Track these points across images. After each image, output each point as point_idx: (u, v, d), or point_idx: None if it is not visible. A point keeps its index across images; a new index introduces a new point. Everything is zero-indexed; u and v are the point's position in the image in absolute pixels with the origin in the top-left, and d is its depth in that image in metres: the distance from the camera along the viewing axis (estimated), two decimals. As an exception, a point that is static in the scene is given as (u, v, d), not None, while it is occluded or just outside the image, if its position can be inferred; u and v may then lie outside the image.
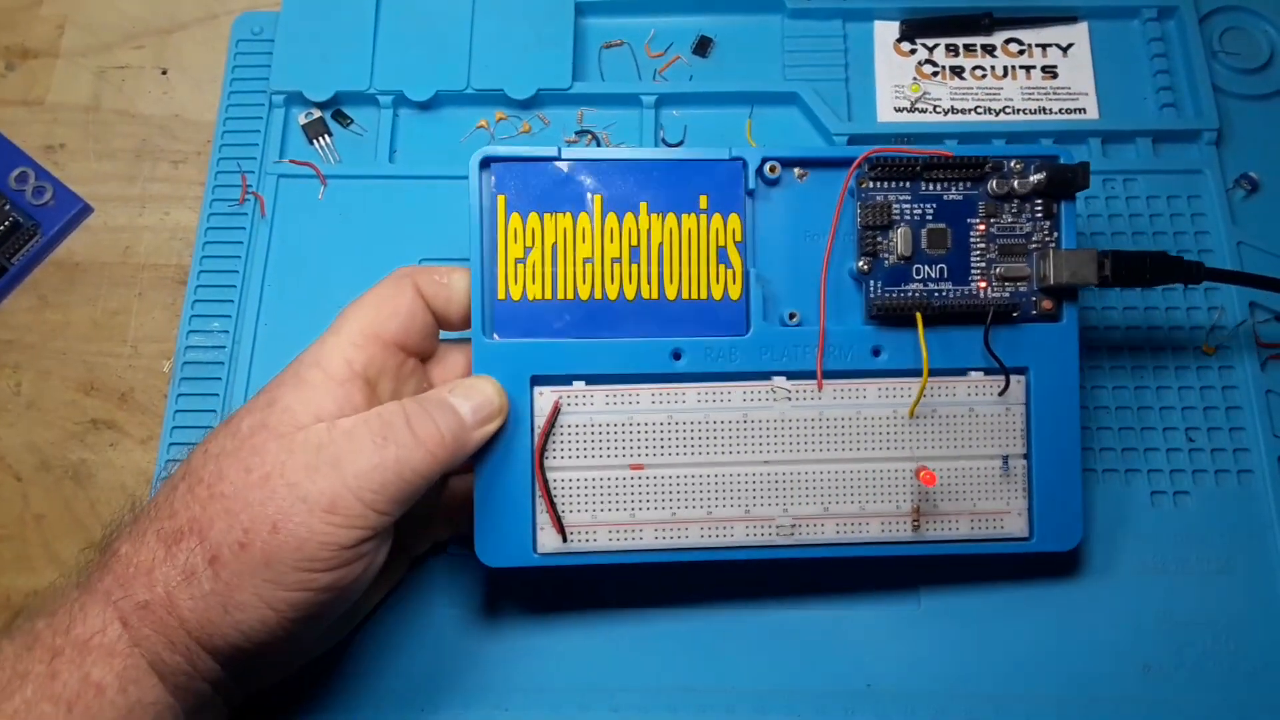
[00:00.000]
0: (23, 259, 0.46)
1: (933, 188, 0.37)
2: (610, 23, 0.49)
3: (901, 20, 0.48)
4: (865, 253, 0.36)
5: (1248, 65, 0.47)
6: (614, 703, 0.38)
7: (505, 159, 0.36)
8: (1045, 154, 0.37)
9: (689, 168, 0.36)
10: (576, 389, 0.35)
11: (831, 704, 0.37)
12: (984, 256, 0.37)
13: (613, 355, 0.35)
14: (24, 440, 0.43)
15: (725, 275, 0.36)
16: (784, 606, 0.39)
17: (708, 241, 0.36)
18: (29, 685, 0.28)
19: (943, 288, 0.37)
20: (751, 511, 0.36)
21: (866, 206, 0.36)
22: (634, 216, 0.36)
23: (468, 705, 0.38)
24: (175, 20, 0.51)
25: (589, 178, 0.36)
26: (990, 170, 0.37)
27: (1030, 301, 0.37)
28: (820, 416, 0.36)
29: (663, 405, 0.36)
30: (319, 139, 0.46)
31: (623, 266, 0.36)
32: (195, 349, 0.43)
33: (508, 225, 0.35)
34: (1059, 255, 0.36)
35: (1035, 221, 0.37)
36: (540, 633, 0.39)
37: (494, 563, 0.35)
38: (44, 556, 0.42)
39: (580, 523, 0.35)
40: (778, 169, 0.37)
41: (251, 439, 0.31)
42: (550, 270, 0.35)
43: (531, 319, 0.35)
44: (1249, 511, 0.40)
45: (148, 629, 0.29)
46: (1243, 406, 0.41)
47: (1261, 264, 0.43)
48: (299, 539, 0.29)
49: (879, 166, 0.36)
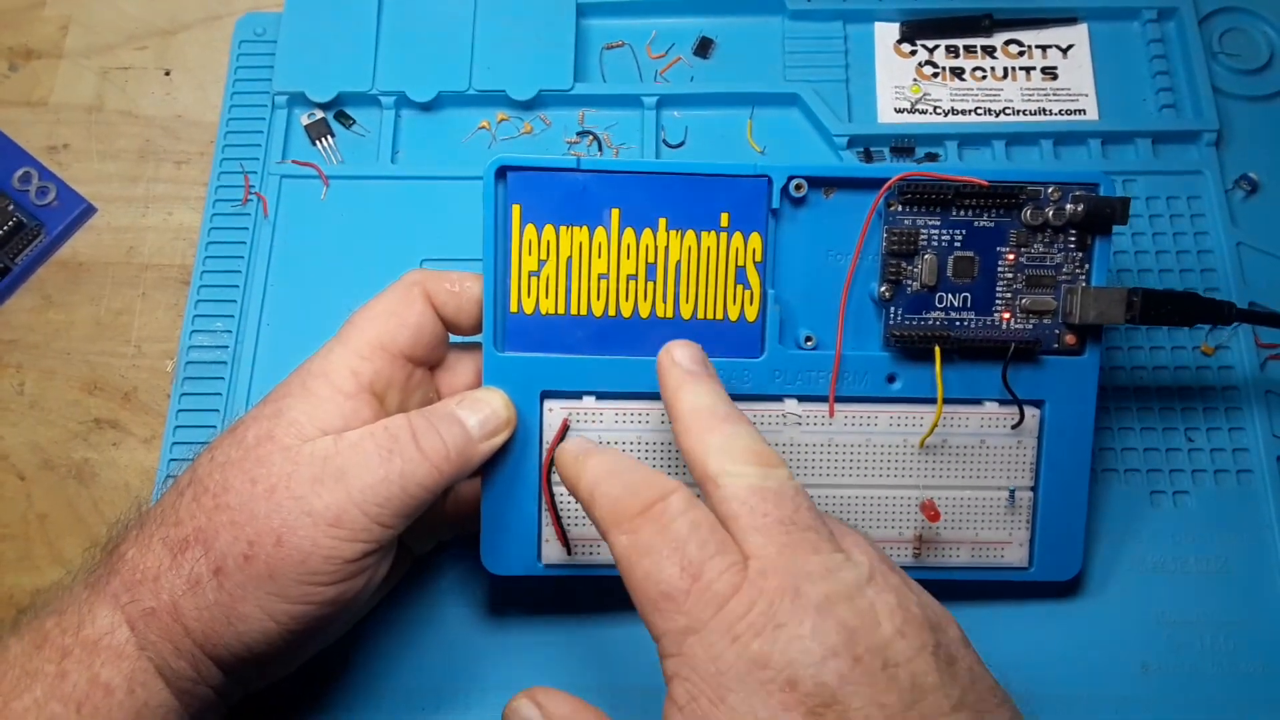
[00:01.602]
0: (26, 259, 0.46)
1: (963, 214, 0.35)
2: (612, 24, 0.49)
3: (902, 22, 0.48)
4: (888, 279, 0.35)
5: (1247, 66, 0.47)
6: (614, 703, 0.38)
7: (522, 168, 0.34)
8: (1085, 181, 0.35)
9: (712, 183, 0.35)
10: (587, 405, 0.35)
11: (832, 703, 0.37)
12: (1010, 287, 0.35)
13: (624, 373, 0.35)
14: (27, 440, 0.43)
15: (743, 296, 0.35)
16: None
17: (727, 261, 0.35)
18: (39, 685, 0.28)
19: (965, 317, 0.36)
20: None
21: (893, 232, 0.35)
22: (652, 232, 0.35)
23: (468, 705, 0.38)
24: (178, 21, 0.51)
25: (608, 190, 0.35)
26: (1025, 198, 0.35)
27: (1053, 335, 0.36)
28: (830, 442, 0.36)
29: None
30: (321, 140, 0.46)
31: (639, 284, 0.35)
32: (198, 349, 0.43)
33: (522, 236, 0.35)
34: (1087, 294, 0.34)
35: (1068, 253, 0.35)
36: (541, 633, 0.39)
37: (499, 570, 0.35)
38: (47, 556, 0.42)
39: (585, 536, 0.35)
40: (804, 187, 0.35)
41: (257, 449, 0.31)
42: (564, 284, 0.35)
43: (544, 333, 0.35)
44: (1248, 511, 0.40)
45: (154, 635, 0.29)
46: (1242, 407, 0.41)
47: (1261, 265, 0.43)
48: (303, 552, 0.29)
49: (909, 191, 0.35)
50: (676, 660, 0.26)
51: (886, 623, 0.25)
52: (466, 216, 0.45)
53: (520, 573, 0.35)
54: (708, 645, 0.25)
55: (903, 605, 0.26)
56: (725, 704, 0.24)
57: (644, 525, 0.27)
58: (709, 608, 0.25)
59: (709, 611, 0.25)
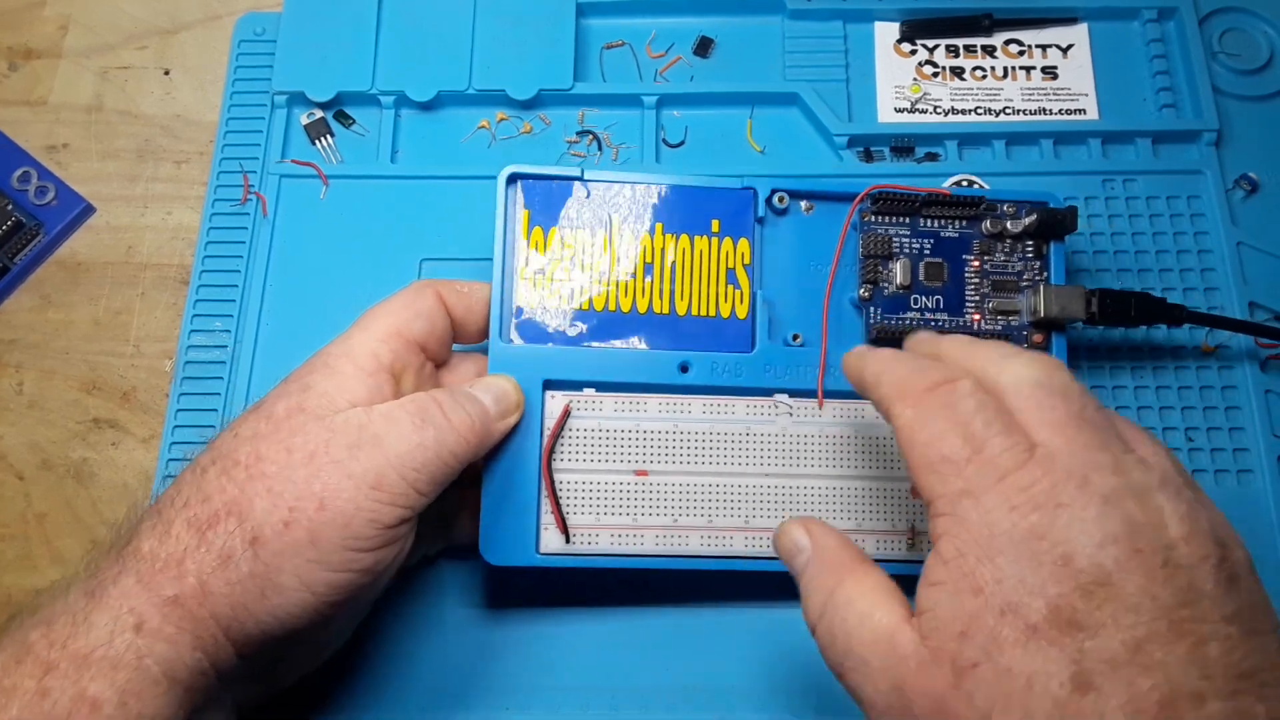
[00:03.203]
0: (25, 259, 0.46)
1: (931, 224, 0.39)
2: (611, 23, 0.49)
3: (902, 21, 0.48)
4: (866, 280, 0.38)
5: (1247, 66, 0.47)
6: (614, 702, 0.38)
7: (532, 176, 0.38)
8: (1036, 198, 0.39)
9: (703, 194, 0.38)
10: (587, 395, 0.37)
11: (831, 703, 0.37)
12: (978, 290, 0.39)
13: (623, 364, 0.37)
14: (26, 439, 0.43)
15: (734, 295, 0.38)
16: (785, 606, 0.39)
17: (718, 263, 0.38)
18: (14, 703, 0.27)
19: (939, 318, 0.38)
20: (751, 522, 0.36)
21: (868, 237, 0.39)
22: (649, 236, 0.38)
23: (469, 706, 0.38)
24: (178, 21, 0.51)
25: (609, 197, 0.38)
26: (984, 210, 0.39)
27: (1022, 335, 0.38)
28: (821, 433, 0.37)
29: (669, 414, 0.37)
30: (321, 139, 0.46)
31: (637, 281, 0.38)
32: (197, 348, 0.43)
33: (530, 238, 0.37)
34: (1048, 289, 0.38)
35: (1026, 261, 0.39)
36: (541, 632, 0.39)
37: (498, 561, 0.35)
38: (46, 555, 0.42)
39: (584, 524, 0.36)
40: (785, 200, 0.39)
41: (289, 421, 0.31)
42: (568, 282, 0.37)
43: (547, 326, 0.37)
44: (1248, 511, 0.40)
45: (171, 626, 0.29)
46: (1242, 406, 0.41)
47: (1261, 265, 0.43)
48: (346, 515, 0.30)
49: (880, 200, 0.38)
50: (948, 519, 0.25)
51: (1173, 527, 0.24)
52: (466, 216, 0.45)
53: (519, 563, 0.35)
54: (984, 510, 0.25)
55: (1192, 516, 0.25)
56: (993, 564, 0.24)
57: (929, 400, 0.27)
58: (989, 477, 0.25)
59: (989, 480, 0.25)
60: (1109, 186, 0.45)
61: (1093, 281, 0.43)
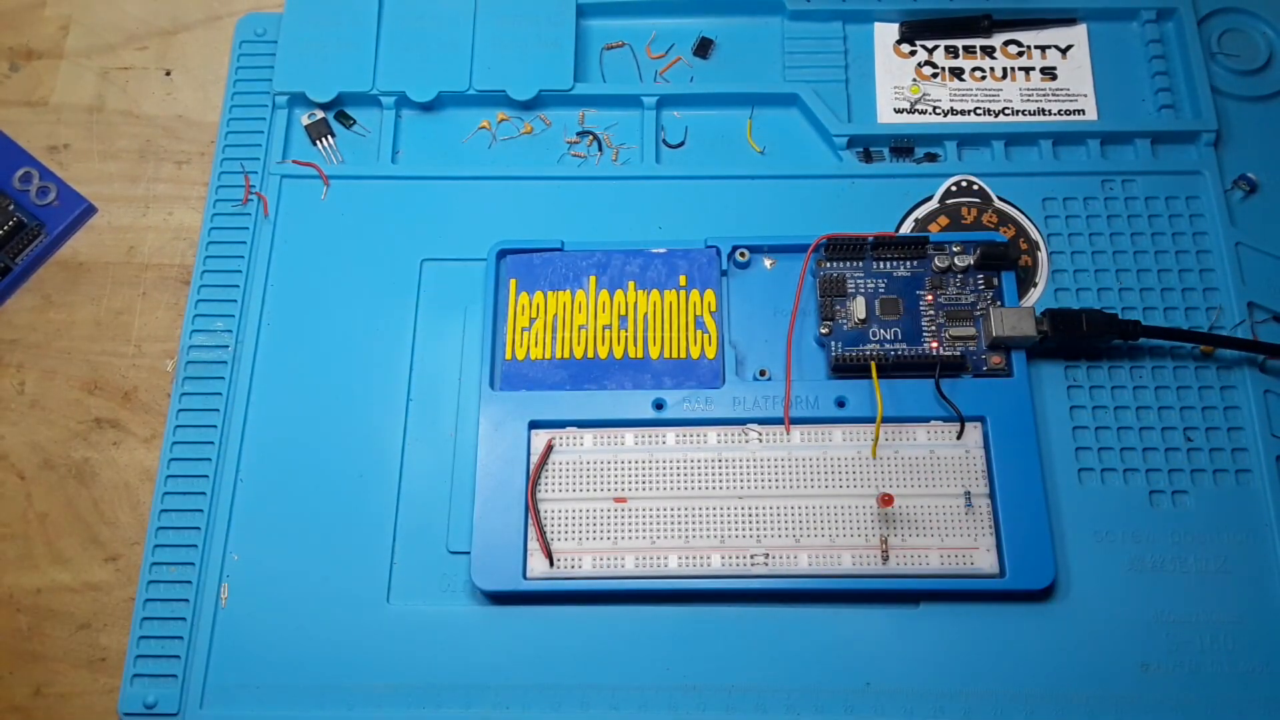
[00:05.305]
0: (27, 259, 0.46)
1: (883, 265, 0.42)
2: (612, 24, 0.49)
3: (901, 22, 0.48)
4: (825, 317, 0.41)
5: (1246, 67, 0.47)
6: (614, 701, 0.38)
7: (518, 250, 0.43)
8: (979, 240, 0.42)
9: (671, 256, 0.43)
10: (568, 432, 0.40)
11: (831, 702, 0.37)
12: (934, 322, 0.41)
13: (601, 403, 0.40)
14: (27, 439, 0.43)
15: (703, 339, 0.41)
16: (785, 605, 0.39)
17: (687, 312, 0.42)
18: None
19: (898, 347, 0.41)
20: (726, 542, 0.38)
21: (825, 280, 0.42)
22: (623, 292, 0.42)
23: (469, 704, 0.38)
24: (179, 21, 0.51)
25: (587, 262, 0.42)
26: (932, 250, 0.42)
27: (981, 359, 0.41)
28: (789, 457, 0.39)
29: (645, 445, 0.40)
30: (322, 140, 0.47)
31: (613, 331, 0.42)
32: (198, 349, 0.43)
33: (517, 301, 0.42)
34: (998, 311, 0.40)
35: (979, 292, 0.42)
36: (541, 631, 0.39)
37: (488, 587, 0.38)
38: (47, 555, 0.42)
39: (567, 549, 0.38)
40: (747, 255, 0.43)
41: None
42: (550, 336, 0.41)
43: (532, 375, 0.41)
44: (1247, 511, 0.40)
45: None
46: (1241, 406, 0.41)
47: (1260, 265, 0.43)
48: None
49: (832, 248, 0.42)
50: None
51: None
52: (467, 216, 0.45)
53: (507, 588, 0.38)
54: None
55: None
56: None
57: None
58: None
59: None
60: (1108, 187, 0.45)
61: (1092, 281, 0.43)
